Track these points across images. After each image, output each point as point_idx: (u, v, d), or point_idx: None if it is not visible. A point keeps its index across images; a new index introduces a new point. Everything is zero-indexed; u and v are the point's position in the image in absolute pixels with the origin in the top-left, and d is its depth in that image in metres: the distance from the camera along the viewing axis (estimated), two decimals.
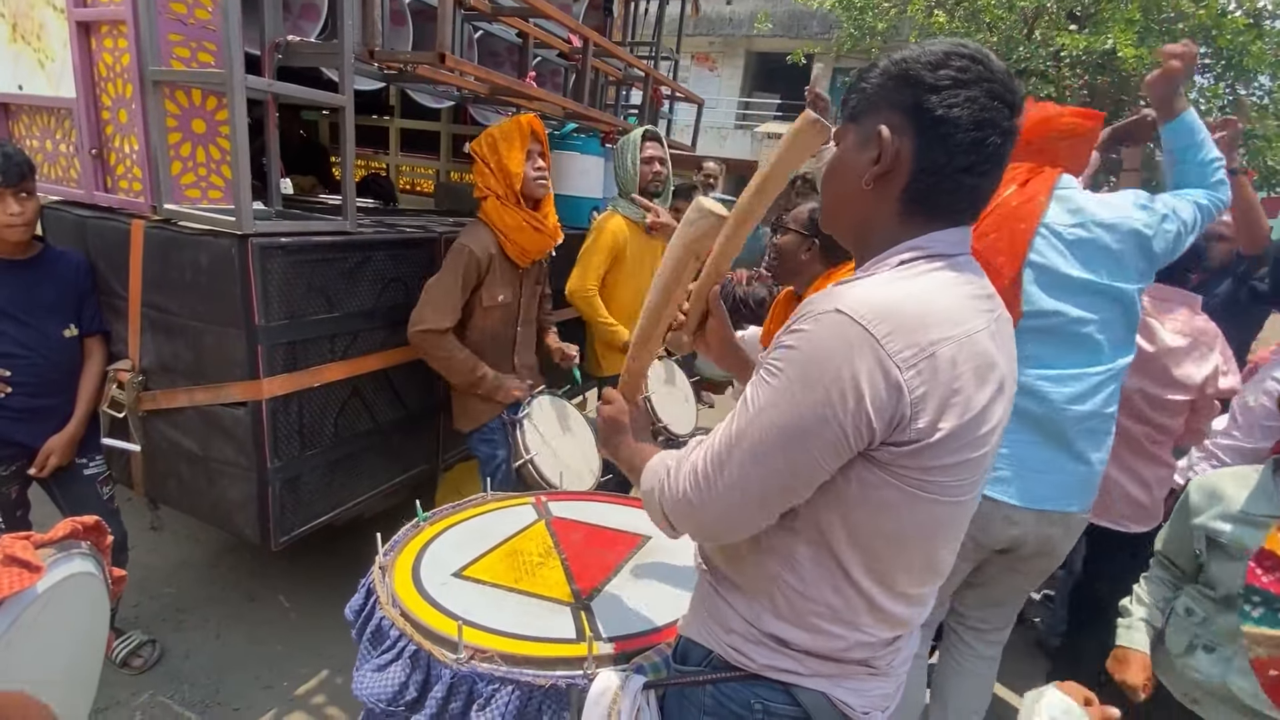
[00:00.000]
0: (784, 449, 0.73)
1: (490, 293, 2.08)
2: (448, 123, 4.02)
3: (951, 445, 0.73)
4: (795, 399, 0.72)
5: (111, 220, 1.83)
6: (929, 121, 0.74)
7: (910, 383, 0.69)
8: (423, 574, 1.38)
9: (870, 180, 0.78)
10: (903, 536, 0.78)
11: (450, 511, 1.68)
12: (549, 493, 1.85)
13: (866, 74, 0.80)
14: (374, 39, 1.78)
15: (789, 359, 0.73)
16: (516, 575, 1.41)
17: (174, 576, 2.53)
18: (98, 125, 1.80)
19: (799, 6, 11.42)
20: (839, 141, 0.84)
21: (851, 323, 0.69)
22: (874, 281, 0.75)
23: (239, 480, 1.83)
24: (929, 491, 0.75)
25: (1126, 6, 7.87)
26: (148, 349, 1.88)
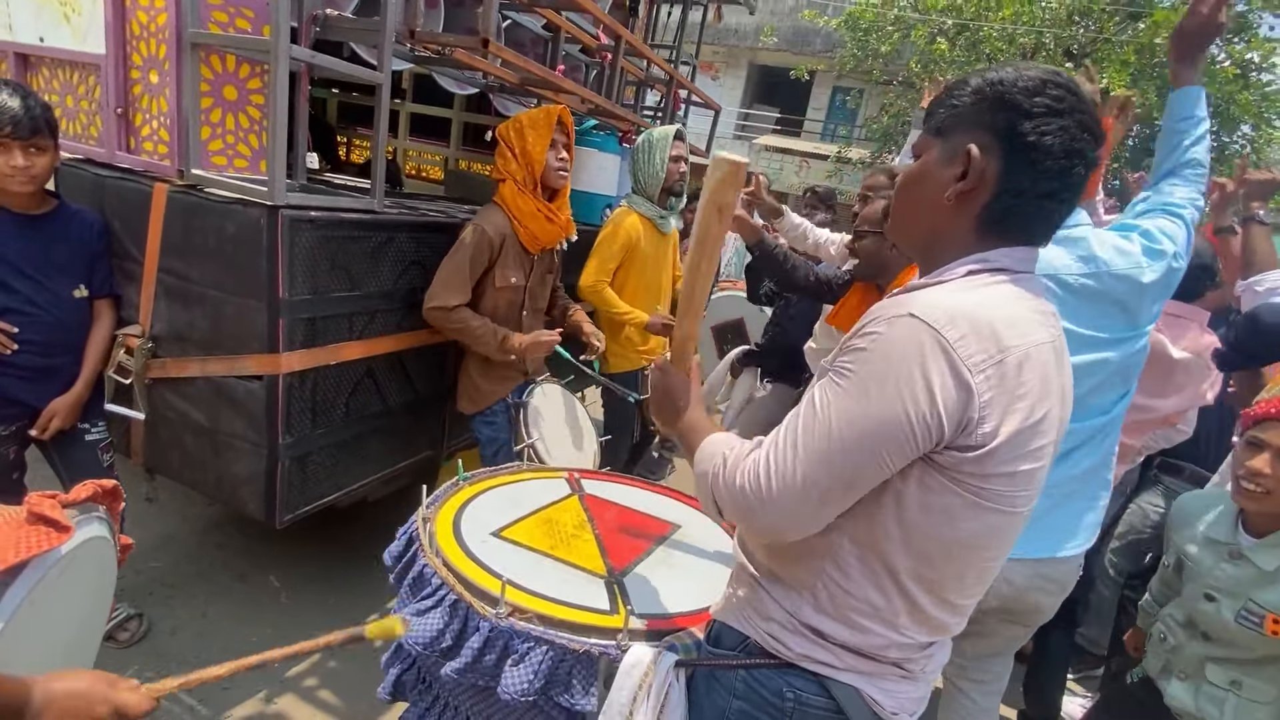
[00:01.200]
0: (853, 449, 0.74)
1: (503, 273, 2.09)
2: (460, 110, 4.00)
3: (1012, 452, 0.75)
4: (867, 398, 0.73)
5: (132, 182, 1.79)
6: (1020, 146, 0.77)
7: (979, 386, 0.71)
8: (463, 530, 1.41)
9: (953, 196, 0.80)
10: (957, 544, 0.79)
11: (487, 475, 1.72)
12: (582, 470, 1.88)
13: (957, 91, 0.82)
14: (416, 19, 1.77)
15: (861, 360, 0.74)
16: (552, 542, 1.44)
17: (161, 550, 2.47)
18: (125, 84, 1.76)
19: (805, 23, 11.56)
20: (920, 153, 0.86)
21: (925, 326, 0.71)
22: (944, 289, 0.77)
23: (247, 455, 1.80)
24: (987, 500, 0.77)
25: (1121, 49, 8.13)
26: (160, 315, 1.84)
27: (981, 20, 8.87)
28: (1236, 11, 8.01)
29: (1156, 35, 7.67)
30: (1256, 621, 1.28)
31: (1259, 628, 1.28)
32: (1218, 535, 1.41)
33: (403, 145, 4.26)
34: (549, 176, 2.07)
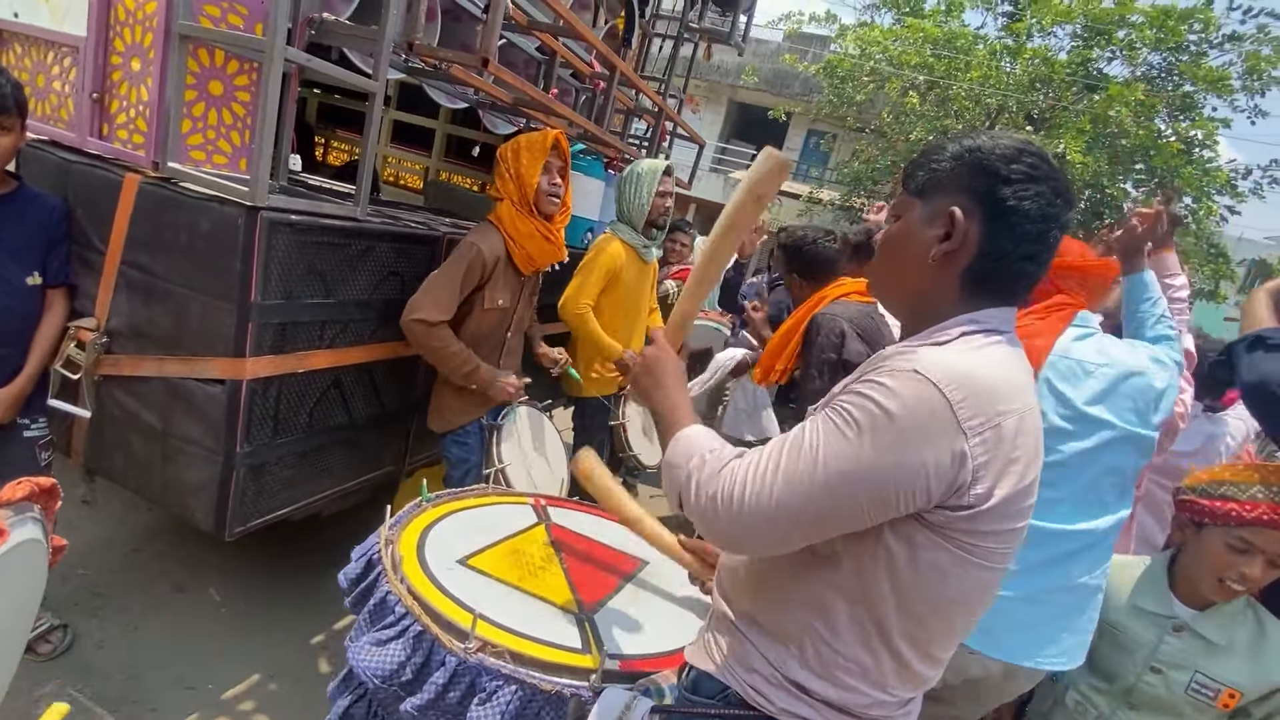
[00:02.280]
0: (835, 489, 0.74)
1: (492, 295, 2.06)
2: (445, 122, 3.98)
3: (1003, 512, 0.76)
4: (861, 453, 0.73)
5: (101, 169, 1.72)
6: (1000, 210, 0.80)
7: (974, 450, 0.72)
8: (428, 556, 1.36)
9: (938, 256, 0.82)
10: (948, 601, 0.80)
11: (451, 497, 1.67)
12: (549, 497, 1.84)
13: (935, 155, 0.85)
14: (416, 31, 1.77)
15: (864, 410, 0.75)
16: (520, 574, 1.40)
17: (93, 557, 2.32)
18: (105, 69, 1.70)
19: (785, 66, 11.95)
20: (900, 214, 0.88)
21: (929, 385, 0.73)
22: (946, 350, 0.79)
23: (201, 461, 1.71)
24: (977, 556, 0.78)
25: (1078, 118, 8.63)
26: (118, 309, 1.75)
27: (951, 79, 9.32)
28: (1184, 91, 8.62)
29: (1110, 107, 8.17)
30: (1210, 695, 1.31)
31: (1211, 701, 1.31)
32: (1152, 607, 1.41)
33: (383, 151, 4.21)
34: (540, 200, 2.07)
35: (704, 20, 3.67)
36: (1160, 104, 8.59)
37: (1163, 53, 8.68)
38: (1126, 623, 1.44)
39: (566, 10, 2.11)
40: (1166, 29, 8.29)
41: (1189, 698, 1.34)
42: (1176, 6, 8.40)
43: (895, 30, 9.86)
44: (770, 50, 13.98)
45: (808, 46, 12.50)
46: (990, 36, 9.63)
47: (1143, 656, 1.41)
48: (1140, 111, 8.19)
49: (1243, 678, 1.32)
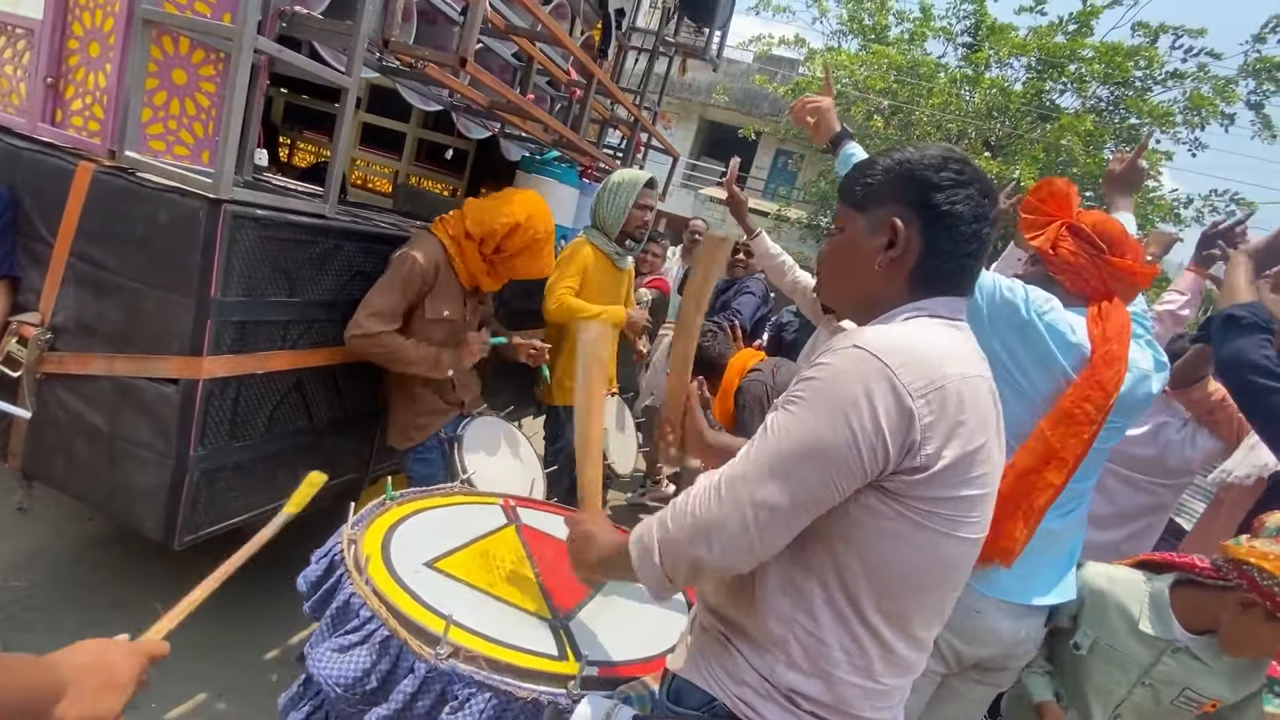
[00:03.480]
0: (803, 467, 0.77)
1: (435, 306, 2.00)
2: (416, 126, 3.94)
3: (955, 475, 0.79)
4: (815, 420, 0.77)
5: (53, 157, 1.64)
6: (935, 215, 0.86)
7: (920, 411, 0.76)
8: (393, 556, 1.30)
9: (885, 263, 0.88)
10: (915, 572, 0.82)
11: (416, 496, 1.62)
12: (518, 498, 1.79)
13: (869, 169, 0.92)
14: (391, 28, 1.74)
15: (810, 388, 0.80)
16: (491, 579, 1.36)
17: (28, 568, 2.17)
18: (61, 54, 1.62)
19: (756, 86, 12.20)
20: (843, 226, 0.94)
21: (869, 355, 0.77)
22: (884, 327, 0.85)
23: (150, 465, 1.63)
24: (935, 524, 0.80)
25: (1032, 146, 9.01)
26: (65, 304, 1.66)
27: (914, 105, 9.64)
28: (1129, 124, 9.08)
29: (1061, 136, 8.56)
30: (1194, 705, 1.36)
31: (1194, 710, 1.36)
32: (1155, 633, 1.42)
33: (351, 153, 4.13)
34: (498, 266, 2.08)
35: (679, 35, 3.72)
36: (1108, 135, 9.04)
37: (1110, 87, 9.15)
38: (1127, 643, 1.45)
39: (545, 15, 2.11)
40: (1114, 64, 8.75)
41: (1174, 707, 1.38)
42: (1123, 44, 8.88)
43: (861, 56, 10.17)
44: (741, 70, 14.27)
45: (777, 68, 12.80)
46: (951, 65, 10.01)
47: (1137, 673, 1.43)
48: (1089, 141, 8.60)
49: (1225, 690, 1.37)
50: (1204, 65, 8.70)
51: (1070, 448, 1.41)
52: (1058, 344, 1.40)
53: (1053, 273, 1.53)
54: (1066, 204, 1.55)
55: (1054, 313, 1.42)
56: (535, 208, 2.05)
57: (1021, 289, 1.42)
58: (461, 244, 2.01)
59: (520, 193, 2.11)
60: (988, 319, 1.40)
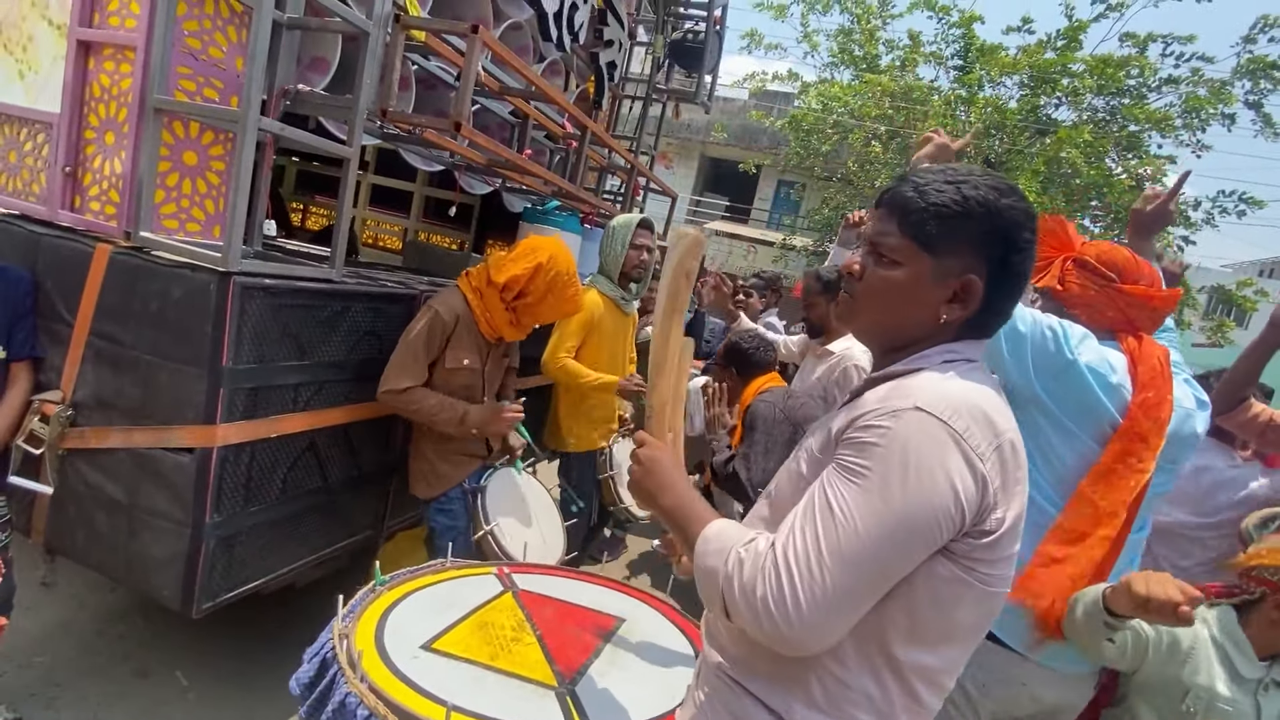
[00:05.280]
0: (884, 549, 0.72)
1: (455, 355, 2.04)
2: (423, 184, 4.06)
3: (1012, 535, 0.78)
4: (892, 502, 0.72)
5: (72, 241, 1.71)
6: (1008, 274, 0.82)
7: (989, 474, 0.74)
8: (388, 645, 1.26)
9: (950, 317, 0.83)
10: (958, 628, 0.80)
11: (408, 576, 1.57)
12: (511, 564, 1.77)
13: (946, 206, 0.80)
14: (388, 99, 1.82)
15: (875, 456, 0.73)
16: (492, 651, 1.32)
17: (50, 643, 2.19)
18: (78, 143, 1.72)
19: (752, 122, 12.44)
20: (903, 261, 0.83)
21: (934, 419, 0.73)
22: (934, 378, 0.79)
23: (168, 534, 1.65)
24: (989, 584, 0.78)
25: (1032, 160, 9.04)
26: (85, 381, 1.72)
27: (911, 128, 9.75)
28: (1130, 131, 9.09)
29: (1061, 149, 8.57)
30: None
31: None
32: (1248, 673, 1.31)
33: (362, 214, 4.27)
34: (520, 315, 2.10)
35: (671, 81, 3.83)
36: (1109, 144, 9.04)
37: (1105, 97, 9.20)
38: (1232, 695, 1.31)
39: (537, 77, 2.20)
40: (1106, 76, 8.81)
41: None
42: (1114, 55, 8.96)
43: (854, 86, 10.35)
44: (737, 108, 14.58)
45: (773, 103, 13.06)
46: (944, 88, 10.14)
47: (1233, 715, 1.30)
48: (1090, 152, 8.60)
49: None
50: (1198, 70, 8.74)
51: (1117, 501, 1.34)
52: (1101, 387, 1.34)
53: (1068, 308, 1.48)
54: (1063, 237, 1.52)
55: (1091, 351, 1.36)
56: (556, 249, 2.09)
57: (1059, 325, 1.36)
58: (484, 293, 2.05)
59: (540, 238, 2.15)
60: (1031, 364, 1.34)
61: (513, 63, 2.00)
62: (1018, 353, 1.35)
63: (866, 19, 10.46)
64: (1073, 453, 1.39)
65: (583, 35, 2.93)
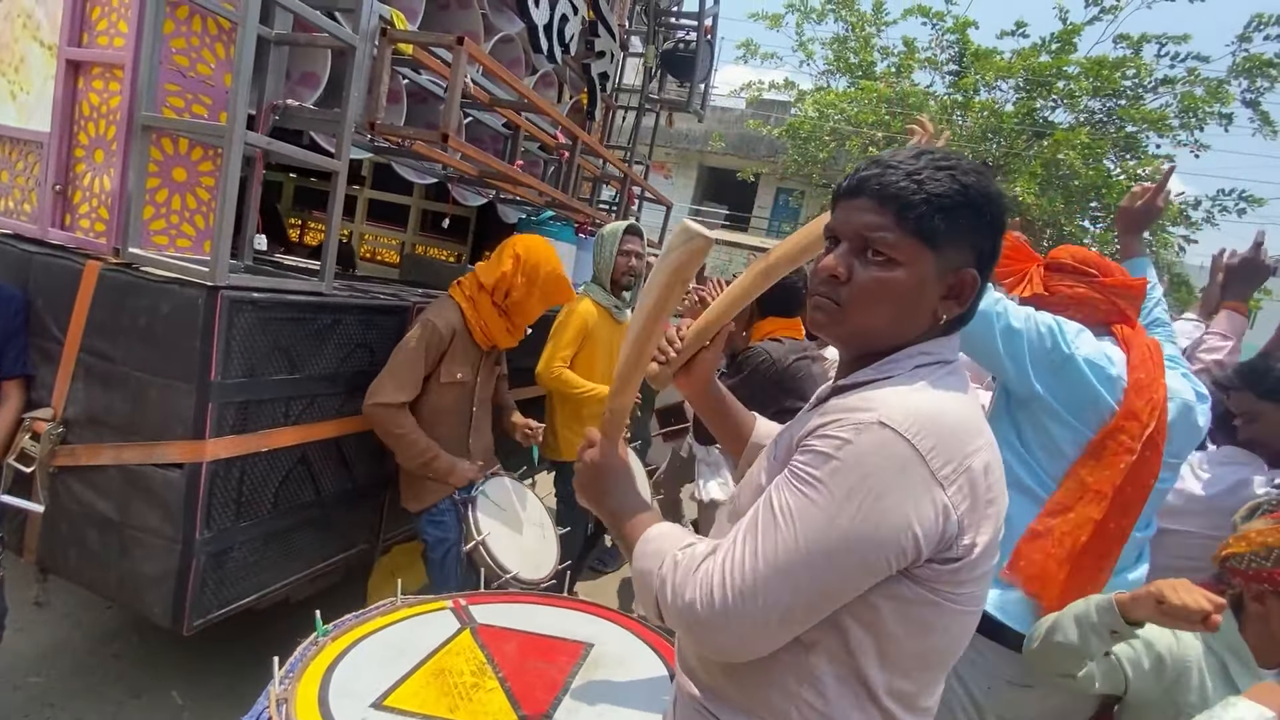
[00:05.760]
0: (821, 568, 0.68)
1: (449, 369, 2.04)
2: (419, 198, 4.08)
3: (985, 556, 0.73)
4: (839, 522, 0.67)
5: (62, 259, 1.72)
6: (994, 260, 0.79)
7: (954, 500, 0.68)
8: (334, 707, 1.14)
9: (946, 316, 0.77)
10: (934, 653, 0.76)
11: (355, 622, 1.46)
12: (468, 595, 1.66)
13: (945, 195, 0.73)
14: (376, 112, 1.82)
15: (830, 471, 0.69)
16: (451, 702, 1.21)
17: (45, 663, 2.18)
18: (68, 162, 1.73)
19: (750, 131, 12.51)
20: (902, 261, 0.74)
21: (898, 438, 0.67)
22: (902, 389, 0.73)
23: (158, 551, 1.64)
24: (961, 604, 0.74)
25: (1030, 163, 9.05)
26: (76, 398, 1.71)
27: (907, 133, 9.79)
28: (1127, 132, 9.10)
29: (1059, 152, 8.58)
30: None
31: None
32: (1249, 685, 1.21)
33: (359, 229, 4.29)
34: (513, 315, 2.10)
35: (664, 91, 3.85)
36: (1106, 145, 9.05)
37: (1102, 99, 9.22)
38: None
39: (525, 87, 2.21)
40: (1101, 78, 8.83)
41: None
42: (1108, 57, 8.98)
43: (850, 93, 10.40)
44: (734, 117, 14.67)
45: (770, 112, 13.12)
46: (939, 93, 10.18)
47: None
48: (1088, 153, 8.61)
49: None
50: (1194, 70, 8.75)
51: (1104, 479, 1.34)
52: (1099, 379, 1.35)
53: (1058, 312, 1.48)
54: (1024, 251, 1.56)
55: (1088, 345, 1.38)
56: (531, 240, 2.09)
57: (1054, 321, 1.38)
58: (476, 300, 2.05)
59: (515, 237, 2.16)
60: (1029, 361, 1.35)
61: (500, 73, 2.00)
62: (1014, 351, 1.36)
63: (861, 26, 10.52)
64: (1075, 446, 1.39)
65: (574, 47, 2.95)
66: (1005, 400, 1.49)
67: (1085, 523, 1.35)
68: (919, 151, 0.76)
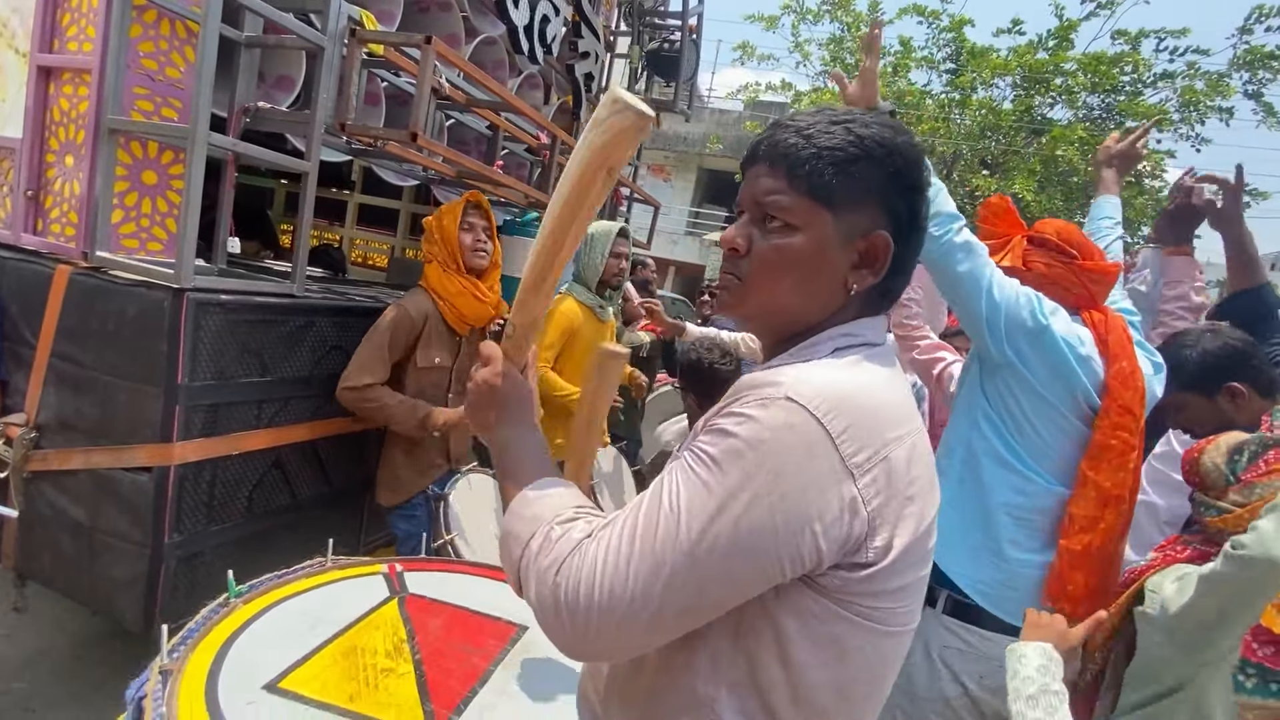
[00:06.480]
0: (703, 568, 0.58)
1: (425, 354, 2.04)
2: (409, 202, 4.08)
3: (905, 564, 0.63)
4: (729, 511, 0.58)
5: (34, 264, 1.72)
6: (914, 228, 0.70)
7: (865, 494, 0.59)
8: (221, 685, 1.03)
9: (858, 286, 0.69)
10: (851, 681, 0.65)
11: (276, 583, 1.34)
12: (405, 560, 1.57)
13: (839, 150, 0.66)
14: (346, 113, 1.82)
15: (727, 450, 0.60)
16: (354, 688, 1.10)
17: (28, 669, 2.18)
18: (40, 167, 1.73)
19: (748, 133, 12.49)
20: (799, 224, 0.68)
21: (806, 416, 0.59)
22: (820, 365, 0.66)
23: (128, 556, 1.64)
24: (880, 622, 0.64)
25: (1029, 160, 9.00)
26: (48, 403, 1.72)
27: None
28: (1126, 128, 9.03)
29: (1057, 148, 8.53)
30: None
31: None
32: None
33: (349, 234, 4.29)
34: (466, 256, 2.08)
35: (650, 91, 3.85)
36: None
37: (1100, 95, 9.16)
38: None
39: (500, 87, 2.20)
40: (1100, 73, 8.78)
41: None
42: (1106, 53, 8.93)
43: None
44: (732, 119, 14.66)
45: (767, 113, 13.11)
46: (937, 91, 10.15)
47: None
48: (1086, 150, 8.55)
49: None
50: (1194, 64, 8.69)
51: (1121, 482, 1.35)
52: (1073, 355, 1.36)
53: (1033, 288, 1.47)
54: (1013, 217, 1.53)
55: (1062, 322, 1.39)
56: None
57: (1032, 293, 1.39)
58: (441, 279, 2.06)
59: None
60: (1004, 330, 1.36)
61: (473, 73, 2.00)
62: (992, 315, 1.37)
63: (857, 27, 10.50)
64: (1053, 427, 1.39)
65: (556, 48, 2.95)
66: (977, 368, 1.48)
67: (1114, 531, 1.35)
68: (820, 109, 0.70)
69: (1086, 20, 9.16)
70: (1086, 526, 1.34)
